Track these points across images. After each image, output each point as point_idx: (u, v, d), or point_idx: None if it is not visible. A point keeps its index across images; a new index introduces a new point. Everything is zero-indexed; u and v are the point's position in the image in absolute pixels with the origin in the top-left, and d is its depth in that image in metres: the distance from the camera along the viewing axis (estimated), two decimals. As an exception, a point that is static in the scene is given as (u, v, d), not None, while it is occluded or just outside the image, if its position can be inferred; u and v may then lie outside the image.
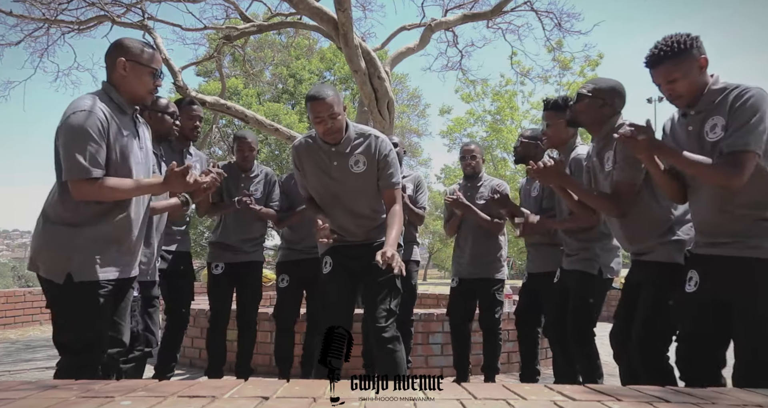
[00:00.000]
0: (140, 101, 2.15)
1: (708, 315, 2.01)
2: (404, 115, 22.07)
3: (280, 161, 18.05)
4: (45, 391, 1.23)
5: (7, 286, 15.16)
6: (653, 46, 2.02)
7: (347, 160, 2.60)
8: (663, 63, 1.98)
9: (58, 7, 7.54)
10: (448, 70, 10.16)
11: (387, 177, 2.63)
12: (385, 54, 10.73)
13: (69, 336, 2.00)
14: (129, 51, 2.07)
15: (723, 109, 1.93)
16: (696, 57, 1.96)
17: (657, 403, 1.20)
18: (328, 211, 2.69)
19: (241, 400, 1.14)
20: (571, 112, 2.59)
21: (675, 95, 2.01)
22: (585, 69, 17.47)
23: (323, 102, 2.46)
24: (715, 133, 1.94)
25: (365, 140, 2.62)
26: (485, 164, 4.15)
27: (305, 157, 2.67)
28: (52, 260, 1.99)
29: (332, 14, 6.17)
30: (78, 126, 1.92)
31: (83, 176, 1.91)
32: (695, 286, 2.04)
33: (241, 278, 3.61)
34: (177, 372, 4.33)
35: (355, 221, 2.69)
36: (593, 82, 2.56)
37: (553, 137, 2.94)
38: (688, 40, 1.96)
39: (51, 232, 2.00)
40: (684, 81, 1.97)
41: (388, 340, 2.53)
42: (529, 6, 8.76)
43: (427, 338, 4.28)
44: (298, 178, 2.78)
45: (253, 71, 13.22)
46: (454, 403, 1.15)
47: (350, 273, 2.70)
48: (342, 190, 2.64)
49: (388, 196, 2.66)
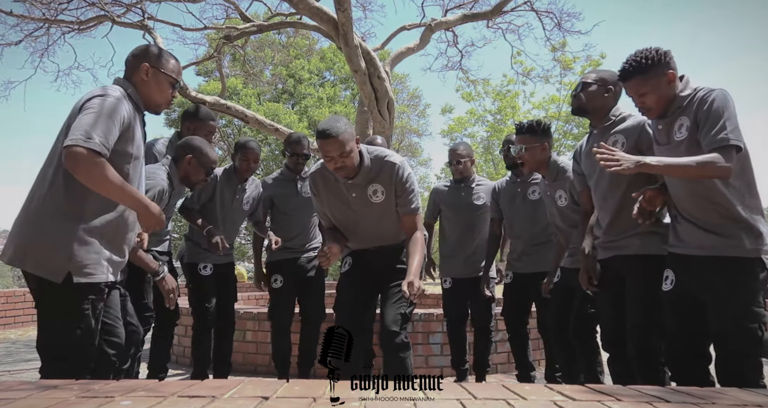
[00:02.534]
0: (153, 108, 2.12)
1: (687, 313, 2.08)
2: (404, 115, 22.04)
3: (280, 161, 18.06)
4: (45, 391, 1.23)
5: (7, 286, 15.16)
6: (625, 60, 2.12)
7: (365, 191, 2.52)
8: (633, 78, 2.09)
9: (58, 7, 7.54)
10: (448, 70, 10.18)
11: (406, 204, 2.55)
12: (386, 54, 10.73)
13: (58, 340, 1.83)
14: (155, 58, 2.07)
15: (689, 110, 2.03)
16: (664, 72, 2.05)
17: (657, 403, 1.20)
18: (349, 234, 2.67)
19: (241, 400, 1.14)
20: (577, 100, 2.57)
21: (645, 108, 2.12)
22: (586, 69, 17.49)
23: (334, 141, 2.30)
24: (681, 133, 2.05)
25: (381, 167, 2.51)
26: (486, 164, 4.15)
27: (322, 187, 2.60)
28: (49, 256, 1.81)
29: (332, 14, 6.17)
30: (107, 105, 1.84)
31: (90, 146, 1.75)
32: (671, 285, 2.12)
33: (224, 279, 3.61)
34: (177, 372, 4.34)
35: (377, 243, 2.68)
36: (595, 72, 2.60)
37: (531, 161, 2.92)
38: (656, 55, 2.05)
39: (48, 225, 1.82)
40: (652, 95, 2.07)
41: (399, 346, 2.51)
42: (529, 6, 8.77)
43: (427, 338, 4.28)
44: (317, 206, 2.71)
45: (253, 71, 13.22)
46: (454, 403, 1.15)
47: (369, 273, 2.68)
48: (363, 219, 2.59)
49: (408, 222, 2.58)
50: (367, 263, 2.70)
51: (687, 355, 2.09)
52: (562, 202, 2.90)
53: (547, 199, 3.03)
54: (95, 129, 1.78)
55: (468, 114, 20.80)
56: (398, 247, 2.68)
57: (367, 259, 2.71)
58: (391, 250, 2.68)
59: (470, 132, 20.99)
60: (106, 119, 1.81)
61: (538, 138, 2.89)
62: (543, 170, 2.96)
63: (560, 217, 2.95)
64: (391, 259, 2.68)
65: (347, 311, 2.63)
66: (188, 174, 2.90)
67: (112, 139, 1.83)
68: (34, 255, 1.83)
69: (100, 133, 1.78)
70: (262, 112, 15.03)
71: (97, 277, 1.86)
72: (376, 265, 2.68)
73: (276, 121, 12.72)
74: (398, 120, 19.62)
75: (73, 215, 1.84)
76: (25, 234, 1.85)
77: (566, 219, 2.92)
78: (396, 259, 2.68)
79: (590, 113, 2.56)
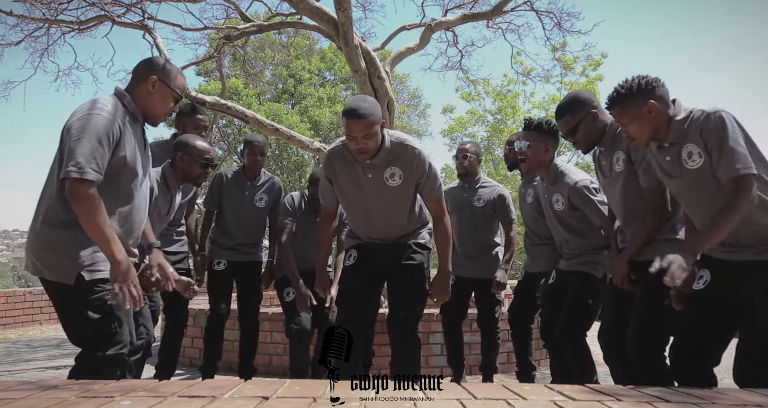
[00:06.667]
0: (152, 119, 2.16)
1: (715, 313, 2.03)
2: (404, 115, 22.02)
3: (281, 161, 18.05)
4: (45, 391, 1.23)
5: (7, 286, 15.16)
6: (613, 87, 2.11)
7: (382, 173, 2.49)
8: (613, 107, 2.09)
9: (58, 7, 7.53)
10: (448, 70, 10.16)
11: (432, 190, 2.56)
12: (386, 54, 10.72)
13: (91, 331, 1.93)
14: (163, 71, 2.11)
15: (693, 136, 1.97)
16: (642, 103, 2.02)
17: (657, 402, 1.20)
18: (358, 220, 2.67)
19: (241, 400, 1.14)
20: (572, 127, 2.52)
21: (629, 137, 2.11)
22: (587, 69, 17.49)
23: (360, 121, 2.30)
24: (694, 161, 1.99)
25: (402, 152, 2.49)
26: (486, 164, 4.16)
27: (339, 166, 2.56)
28: (59, 263, 1.94)
29: (332, 14, 6.17)
30: (94, 126, 1.88)
31: (83, 176, 1.84)
32: (704, 285, 2.06)
33: (243, 277, 3.60)
34: (177, 372, 4.34)
35: (386, 230, 2.65)
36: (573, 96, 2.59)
37: (532, 159, 2.89)
38: (638, 84, 2.03)
39: (53, 236, 1.95)
40: (631, 125, 2.06)
41: (409, 340, 2.52)
42: (529, 6, 8.75)
43: (427, 338, 4.28)
44: (324, 188, 2.67)
45: (253, 71, 13.21)
46: (454, 403, 1.15)
47: (375, 268, 2.66)
48: (374, 204, 2.56)
49: (435, 207, 2.61)
50: (373, 258, 2.66)
51: (697, 356, 2.06)
52: (558, 206, 2.89)
53: (544, 201, 3.02)
54: (84, 156, 1.85)
55: (468, 114, 20.81)
56: (405, 243, 2.65)
57: (373, 254, 2.67)
58: (398, 246, 2.65)
59: (470, 132, 20.99)
60: (95, 142, 1.88)
61: (543, 137, 2.87)
62: (542, 172, 2.94)
63: (556, 220, 2.93)
64: (398, 255, 2.64)
65: (350, 305, 2.60)
66: (185, 171, 2.89)
67: (102, 160, 1.90)
68: (47, 264, 1.97)
69: (90, 159, 1.86)
70: (262, 113, 15.01)
71: (105, 272, 1.95)
72: (382, 263, 2.65)
73: (276, 121, 12.70)
74: (398, 120, 19.61)
75: (74, 224, 1.92)
76: (36, 246, 1.99)
77: (562, 222, 2.91)
78: (403, 255, 2.64)
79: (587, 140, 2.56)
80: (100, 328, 1.93)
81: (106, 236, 1.88)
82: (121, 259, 1.90)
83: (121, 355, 1.97)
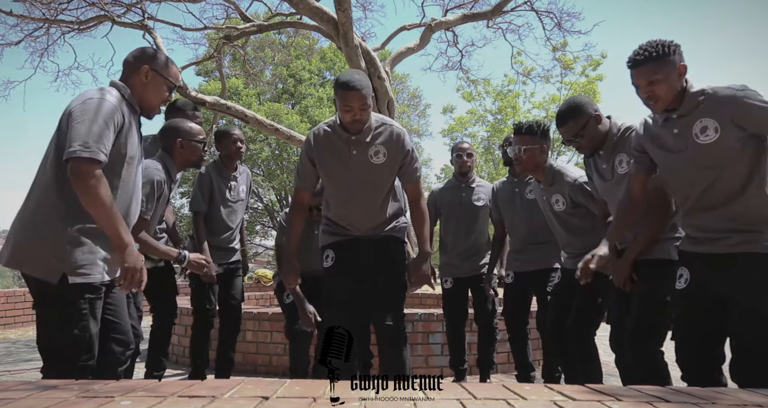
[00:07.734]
0: (148, 110, 2.12)
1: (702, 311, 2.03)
2: (404, 115, 22.03)
3: (281, 161, 18.04)
4: (45, 391, 1.23)
5: (7, 286, 15.16)
6: (638, 47, 2.07)
7: (367, 150, 2.52)
8: (646, 64, 2.02)
9: (58, 7, 7.54)
10: (449, 70, 10.19)
11: (413, 171, 2.60)
12: (386, 54, 10.73)
13: (58, 340, 1.83)
14: (154, 60, 2.09)
15: (711, 110, 1.95)
16: (677, 63, 2.01)
17: (657, 403, 1.20)
18: (339, 201, 2.63)
19: (241, 400, 1.14)
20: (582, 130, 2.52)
21: (654, 97, 2.04)
22: (587, 69, 17.50)
23: (357, 93, 2.37)
24: (707, 136, 1.96)
25: (387, 131, 2.55)
26: (486, 164, 4.16)
27: (323, 144, 2.57)
28: (44, 258, 1.82)
29: (332, 14, 6.17)
30: (101, 109, 1.85)
31: (89, 155, 1.77)
32: (685, 283, 2.07)
33: (229, 279, 3.59)
34: (177, 372, 4.34)
35: (366, 215, 2.62)
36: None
37: (528, 162, 2.89)
38: (672, 45, 2.01)
39: (43, 227, 1.84)
40: (664, 84, 2.01)
41: (396, 339, 2.51)
42: (529, 6, 8.77)
43: (427, 338, 4.28)
44: (304, 167, 2.65)
45: (253, 71, 13.21)
46: (454, 403, 1.15)
47: (355, 267, 2.62)
48: (357, 182, 2.56)
49: (413, 190, 2.65)
50: (353, 255, 2.62)
51: (699, 356, 2.05)
52: (559, 207, 2.88)
53: (542, 203, 3.00)
54: (92, 136, 1.80)
55: (468, 114, 20.82)
56: (382, 236, 2.62)
57: (352, 251, 2.63)
58: (377, 242, 2.62)
59: (471, 132, 21.00)
60: (102, 124, 1.83)
61: (537, 139, 2.86)
62: (539, 173, 2.92)
63: (557, 221, 2.92)
64: (378, 254, 2.61)
65: (344, 308, 2.57)
66: (186, 156, 2.86)
67: (108, 144, 1.85)
68: (30, 257, 1.85)
69: (98, 139, 1.80)
70: (263, 112, 15.01)
71: (93, 276, 1.87)
72: (364, 261, 2.61)
73: (276, 121, 12.70)
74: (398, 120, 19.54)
75: (68, 216, 1.84)
76: (21, 236, 1.88)
77: (563, 223, 2.90)
78: (383, 254, 2.62)
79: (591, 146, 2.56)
80: (75, 337, 1.83)
81: (113, 218, 1.81)
82: (129, 242, 1.85)
83: (90, 366, 1.88)
